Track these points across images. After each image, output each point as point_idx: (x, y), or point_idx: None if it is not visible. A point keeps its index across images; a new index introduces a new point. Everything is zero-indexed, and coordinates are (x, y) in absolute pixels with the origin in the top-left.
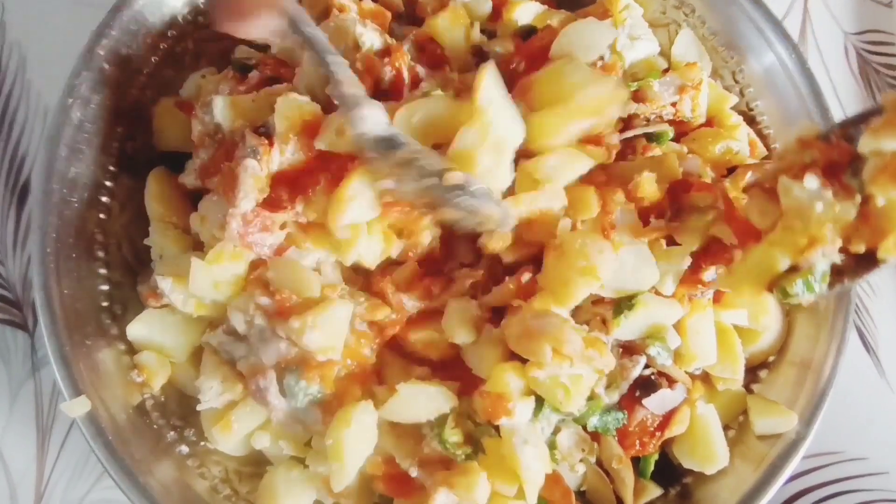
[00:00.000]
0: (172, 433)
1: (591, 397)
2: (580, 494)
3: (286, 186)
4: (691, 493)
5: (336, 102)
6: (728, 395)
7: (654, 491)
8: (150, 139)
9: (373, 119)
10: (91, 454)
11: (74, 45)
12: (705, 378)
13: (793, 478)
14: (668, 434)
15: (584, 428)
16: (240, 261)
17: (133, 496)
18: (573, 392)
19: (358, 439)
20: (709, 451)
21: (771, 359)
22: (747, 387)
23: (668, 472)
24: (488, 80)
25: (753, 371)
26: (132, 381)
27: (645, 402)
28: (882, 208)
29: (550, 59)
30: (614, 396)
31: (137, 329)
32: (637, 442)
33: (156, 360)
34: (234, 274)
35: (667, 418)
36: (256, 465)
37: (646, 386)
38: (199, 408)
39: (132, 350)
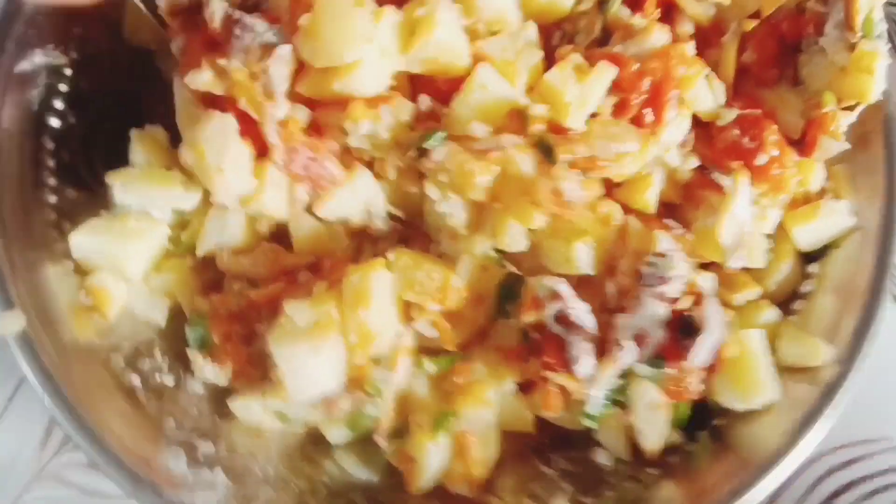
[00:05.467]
0: (123, 364)
1: None
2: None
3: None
4: (723, 436)
5: None
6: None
7: (675, 437)
8: (113, 41)
9: None
10: None
11: None
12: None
13: (833, 470)
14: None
15: None
16: None
17: (76, 433)
18: None
19: None
20: (755, 383)
21: (807, 288)
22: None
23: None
24: None
25: (786, 304)
26: (81, 305)
27: (692, 358)
28: None
29: None
30: None
31: (82, 240)
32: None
33: (108, 282)
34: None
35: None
36: (218, 404)
37: (685, 328)
38: None
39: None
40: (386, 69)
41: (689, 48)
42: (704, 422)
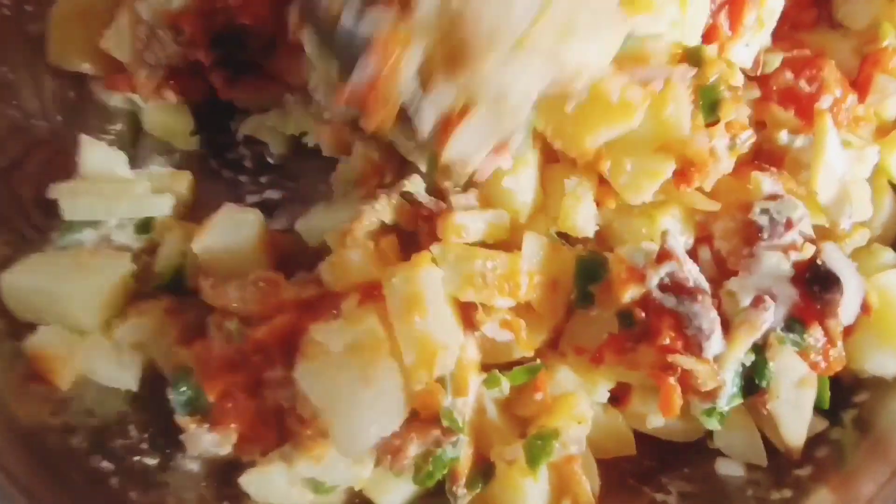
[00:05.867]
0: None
1: None
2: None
3: None
4: (871, 416)
5: None
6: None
7: (819, 423)
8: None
9: None
10: None
11: None
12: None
13: None
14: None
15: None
16: None
17: None
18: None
19: None
20: None
21: None
22: None
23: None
24: None
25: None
26: (20, 375)
27: (839, 314)
28: None
29: None
30: None
31: (18, 281)
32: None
33: (55, 341)
34: None
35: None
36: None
37: (821, 279)
38: None
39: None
40: None
41: None
42: (842, 402)
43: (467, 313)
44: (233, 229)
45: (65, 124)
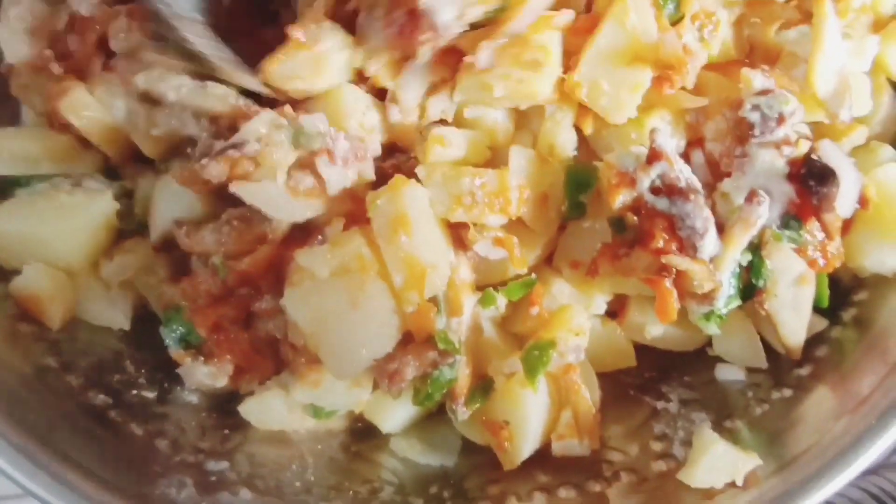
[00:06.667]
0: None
1: None
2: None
3: None
4: (870, 314)
5: None
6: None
7: (819, 322)
8: None
9: None
10: None
11: None
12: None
13: None
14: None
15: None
16: None
17: (30, 480)
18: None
19: None
20: None
21: None
22: None
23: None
24: None
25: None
26: (7, 317)
27: (836, 208)
28: None
29: None
30: None
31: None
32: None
33: (41, 281)
34: None
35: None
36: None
37: (817, 174)
38: None
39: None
40: None
41: None
42: (842, 302)
43: (458, 234)
44: (177, 201)
45: None
